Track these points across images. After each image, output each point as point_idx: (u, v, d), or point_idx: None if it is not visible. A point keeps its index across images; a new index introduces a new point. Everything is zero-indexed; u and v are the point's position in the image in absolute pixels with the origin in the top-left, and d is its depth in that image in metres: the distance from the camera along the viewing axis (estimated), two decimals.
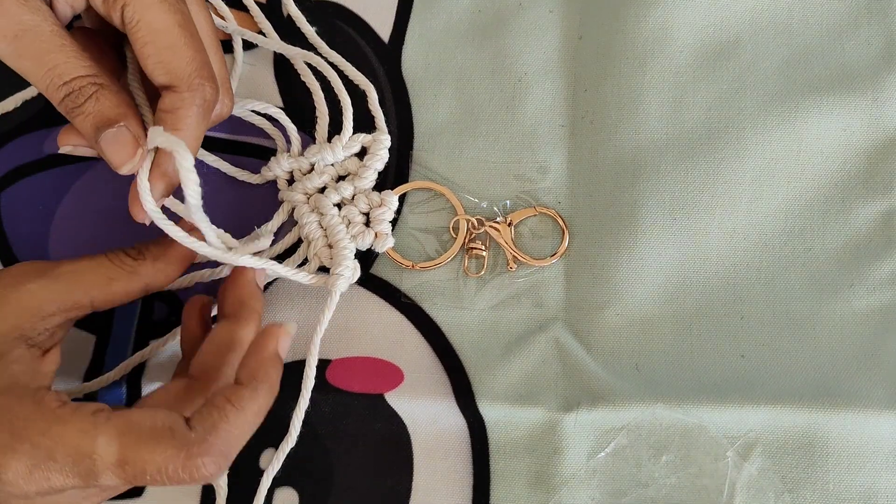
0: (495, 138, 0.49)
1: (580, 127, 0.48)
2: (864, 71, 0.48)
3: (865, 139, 0.47)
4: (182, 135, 0.39)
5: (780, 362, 0.45)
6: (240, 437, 0.37)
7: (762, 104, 0.48)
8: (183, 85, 0.39)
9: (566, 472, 0.44)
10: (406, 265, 0.47)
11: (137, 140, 0.39)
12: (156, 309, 0.48)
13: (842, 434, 0.43)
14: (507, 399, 0.45)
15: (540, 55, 0.49)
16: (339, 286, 0.45)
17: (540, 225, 0.48)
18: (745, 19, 0.49)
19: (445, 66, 0.50)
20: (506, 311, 0.46)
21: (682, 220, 0.47)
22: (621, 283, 0.46)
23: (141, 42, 0.39)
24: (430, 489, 0.44)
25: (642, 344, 0.46)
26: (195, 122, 0.40)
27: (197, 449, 0.35)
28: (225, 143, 0.49)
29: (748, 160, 0.47)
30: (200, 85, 0.40)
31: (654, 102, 0.48)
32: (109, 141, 0.39)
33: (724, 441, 0.44)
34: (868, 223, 0.46)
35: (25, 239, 0.49)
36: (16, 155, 0.50)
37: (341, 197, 0.47)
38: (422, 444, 0.45)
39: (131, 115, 0.39)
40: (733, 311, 0.46)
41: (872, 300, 0.46)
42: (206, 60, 0.40)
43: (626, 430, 0.44)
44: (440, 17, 0.50)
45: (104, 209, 0.49)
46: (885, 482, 0.43)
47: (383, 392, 0.45)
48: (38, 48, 0.38)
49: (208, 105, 0.40)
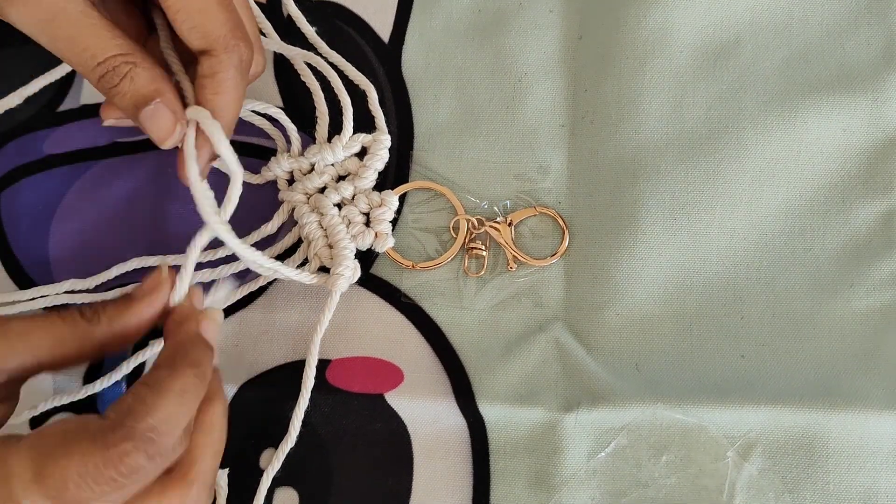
0: (495, 138, 0.49)
1: (580, 127, 0.48)
2: (864, 71, 0.48)
3: (865, 139, 0.47)
4: (225, 98, 0.39)
5: (780, 362, 0.45)
6: (165, 419, 0.33)
7: (762, 104, 0.48)
8: (219, 47, 0.39)
9: (566, 472, 0.44)
10: (406, 265, 0.47)
11: (175, 114, 0.39)
12: None
13: (842, 434, 0.43)
14: (507, 399, 0.45)
15: (540, 55, 0.49)
16: (340, 286, 0.45)
17: (540, 225, 0.48)
18: (745, 19, 0.49)
19: (445, 66, 0.50)
20: (506, 311, 0.46)
21: (682, 220, 0.47)
22: (621, 283, 0.46)
23: (174, 8, 0.38)
24: (429, 489, 0.44)
25: (642, 344, 0.46)
26: (234, 83, 0.40)
27: (114, 436, 0.32)
28: None
29: (748, 160, 0.47)
30: (236, 45, 0.39)
31: (655, 102, 0.48)
32: (148, 117, 0.39)
33: (724, 441, 0.44)
34: (868, 223, 0.46)
35: (25, 239, 0.49)
36: (16, 155, 0.50)
37: (341, 197, 0.47)
38: (422, 444, 0.45)
39: (167, 90, 0.39)
40: (733, 311, 0.46)
41: (872, 300, 0.46)
42: (238, 20, 0.40)
43: (627, 430, 0.44)
44: (440, 17, 0.50)
45: (104, 209, 0.49)
46: (886, 482, 0.43)
47: (383, 392, 0.45)
48: (70, 31, 0.38)
49: (245, 65, 0.40)
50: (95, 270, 0.48)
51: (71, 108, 0.50)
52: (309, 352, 0.44)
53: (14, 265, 0.48)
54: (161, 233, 0.48)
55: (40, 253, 0.49)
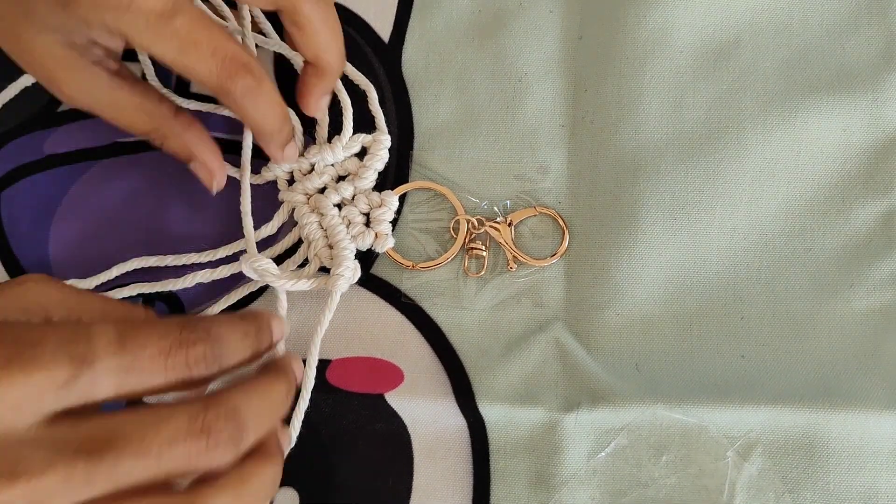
0: (495, 138, 0.49)
1: (580, 127, 0.48)
2: (864, 71, 0.48)
3: (865, 139, 0.47)
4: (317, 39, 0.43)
5: (780, 362, 0.45)
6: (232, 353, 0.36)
7: (762, 104, 0.48)
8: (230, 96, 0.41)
9: (566, 472, 0.44)
10: (406, 265, 0.47)
11: (211, 171, 0.45)
12: (156, 309, 0.48)
13: (842, 434, 0.43)
14: (508, 399, 0.45)
15: (540, 55, 0.49)
16: (340, 287, 0.45)
17: (540, 225, 0.48)
18: (745, 19, 0.49)
19: (445, 66, 0.50)
20: (506, 311, 0.47)
21: (682, 220, 0.47)
22: (621, 283, 0.46)
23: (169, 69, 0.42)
24: (430, 489, 0.44)
25: (642, 344, 0.46)
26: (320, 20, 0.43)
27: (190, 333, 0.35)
28: (225, 143, 0.49)
29: (748, 160, 0.47)
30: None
31: (655, 102, 0.48)
32: (194, 170, 0.45)
33: (725, 441, 0.44)
34: (868, 223, 0.46)
35: (25, 239, 0.49)
36: (16, 155, 0.50)
37: (341, 197, 0.47)
38: (422, 445, 0.45)
39: (198, 152, 0.45)
40: (733, 311, 0.46)
41: (872, 300, 0.46)
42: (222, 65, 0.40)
43: (627, 431, 0.44)
44: (440, 17, 0.50)
45: (104, 209, 0.49)
46: (886, 482, 0.43)
47: (383, 392, 0.45)
48: (105, 107, 0.43)
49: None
50: (96, 270, 0.48)
51: (71, 108, 0.50)
52: (309, 352, 0.44)
53: (14, 265, 0.48)
54: (161, 233, 0.48)
55: (40, 253, 0.48)
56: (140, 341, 0.33)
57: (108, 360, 0.32)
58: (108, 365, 0.32)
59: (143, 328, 0.33)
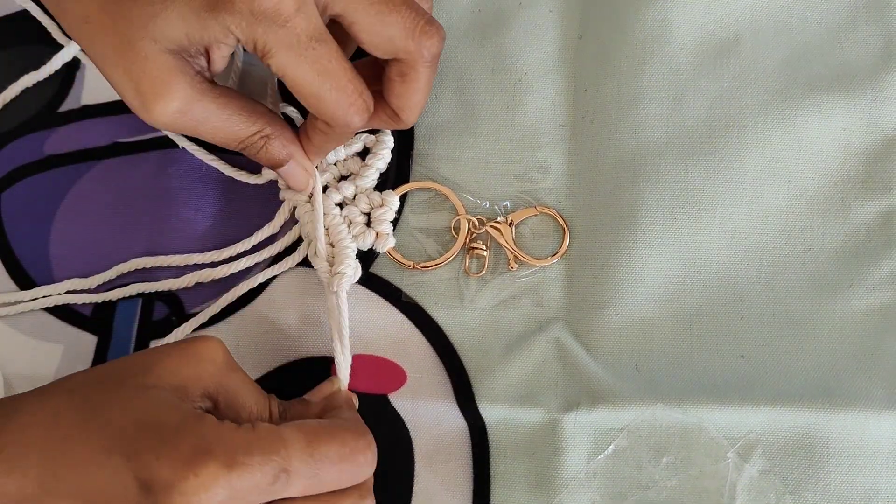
0: (496, 138, 0.49)
1: (581, 126, 0.48)
2: (863, 70, 0.48)
3: (865, 139, 0.47)
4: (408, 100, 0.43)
5: (780, 362, 0.45)
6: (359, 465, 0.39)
7: (762, 103, 0.48)
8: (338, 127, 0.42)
9: (566, 474, 0.44)
10: (407, 265, 0.47)
11: (307, 170, 0.45)
12: (156, 309, 0.48)
13: (842, 434, 0.43)
14: (508, 400, 0.45)
15: (540, 55, 0.49)
16: (342, 284, 0.45)
17: (541, 225, 0.48)
18: (745, 18, 0.49)
19: (445, 65, 0.50)
20: (506, 310, 0.47)
21: (683, 219, 0.47)
22: (621, 282, 0.46)
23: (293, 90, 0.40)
24: (430, 493, 0.44)
25: (642, 344, 0.46)
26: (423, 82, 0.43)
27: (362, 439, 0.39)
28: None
29: (748, 159, 0.47)
30: (418, 48, 0.41)
31: (655, 101, 0.48)
32: (286, 174, 0.45)
33: (725, 442, 0.44)
34: (868, 223, 0.47)
35: (25, 239, 0.49)
36: (16, 155, 0.50)
37: (343, 196, 0.47)
38: (423, 448, 0.45)
39: (296, 151, 0.44)
40: (733, 311, 0.46)
41: (872, 300, 0.46)
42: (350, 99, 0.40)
43: (627, 432, 0.44)
44: (440, 16, 0.50)
45: (105, 209, 0.49)
46: (886, 482, 0.43)
47: (387, 392, 0.45)
48: (211, 125, 0.41)
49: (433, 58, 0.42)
50: (96, 270, 0.48)
51: (72, 109, 0.50)
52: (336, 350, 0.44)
53: (15, 265, 0.48)
54: (161, 233, 0.48)
55: (41, 253, 0.49)
56: (323, 450, 0.37)
57: (302, 469, 0.36)
58: (302, 473, 0.36)
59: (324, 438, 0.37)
